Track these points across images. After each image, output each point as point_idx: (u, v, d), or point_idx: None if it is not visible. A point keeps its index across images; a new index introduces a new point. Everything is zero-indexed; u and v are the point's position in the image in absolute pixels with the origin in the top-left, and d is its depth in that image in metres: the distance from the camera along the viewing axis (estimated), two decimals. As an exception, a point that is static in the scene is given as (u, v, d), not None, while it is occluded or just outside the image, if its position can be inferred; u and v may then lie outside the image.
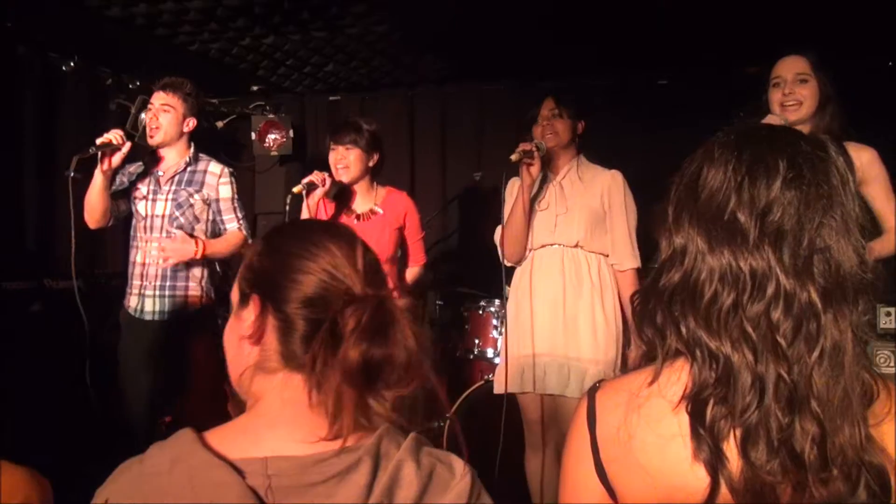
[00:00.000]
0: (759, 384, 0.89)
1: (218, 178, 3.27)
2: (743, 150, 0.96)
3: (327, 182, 3.12)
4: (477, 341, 3.95)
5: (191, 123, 3.26)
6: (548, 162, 3.05)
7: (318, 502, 0.90)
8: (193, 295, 3.23)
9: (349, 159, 3.15)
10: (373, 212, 3.23)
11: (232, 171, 3.35)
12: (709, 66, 4.36)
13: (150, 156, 3.30)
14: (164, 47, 4.16)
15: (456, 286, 4.46)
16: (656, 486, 0.94)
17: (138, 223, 3.24)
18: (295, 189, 3.10)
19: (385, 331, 0.94)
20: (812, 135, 1.01)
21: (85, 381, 3.00)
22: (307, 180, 3.11)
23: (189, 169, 3.27)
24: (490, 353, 3.91)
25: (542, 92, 3.15)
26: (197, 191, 3.23)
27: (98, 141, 2.96)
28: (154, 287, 3.19)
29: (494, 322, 3.91)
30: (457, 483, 0.95)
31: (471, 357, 3.98)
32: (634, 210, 3.00)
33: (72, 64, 4.38)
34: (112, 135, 2.98)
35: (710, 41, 3.99)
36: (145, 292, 3.20)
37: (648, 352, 1.00)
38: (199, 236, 3.23)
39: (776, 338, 0.89)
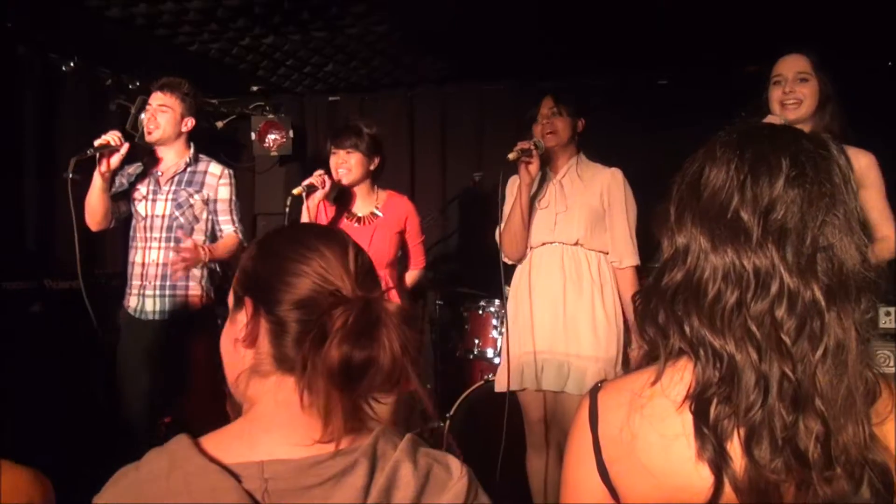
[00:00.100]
0: (763, 383, 0.89)
1: (218, 179, 3.28)
2: (745, 149, 0.96)
3: (327, 184, 3.11)
4: (477, 341, 3.95)
5: (189, 123, 3.26)
6: (547, 160, 3.05)
7: (314, 501, 0.90)
8: (193, 295, 3.23)
9: (350, 163, 3.14)
10: (374, 215, 3.23)
11: (232, 173, 3.35)
12: (709, 66, 4.37)
13: (150, 156, 3.30)
14: (164, 47, 4.15)
15: (456, 286, 4.45)
16: (659, 486, 0.93)
17: (138, 223, 3.24)
18: (295, 191, 3.10)
19: (370, 333, 0.93)
20: (813, 133, 1.01)
21: (88, 382, 3.00)
22: (307, 182, 3.10)
23: (189, 169, 3.27)
24: (490, 353, 3.91)
25: (542, 92, 3.14)
26: (197, 191, 3.23)
27: (96, 143, 2.96)
28: (154, 287, 3.19)
29: (494, 322, 3.91)
30: (454, 483, 0.95)
31: (471, 357, 3.98)
32: (634, 208, 3.00)
33: (72, 64, 4.38)
34: (110, 136, 2.97)
35: (710, 41, 3.99)
36: (145, 292, 3.20)
37: (650, 351, 0.99)
38: (199, 237, 3.24)
39: (780, 336, 0.89)
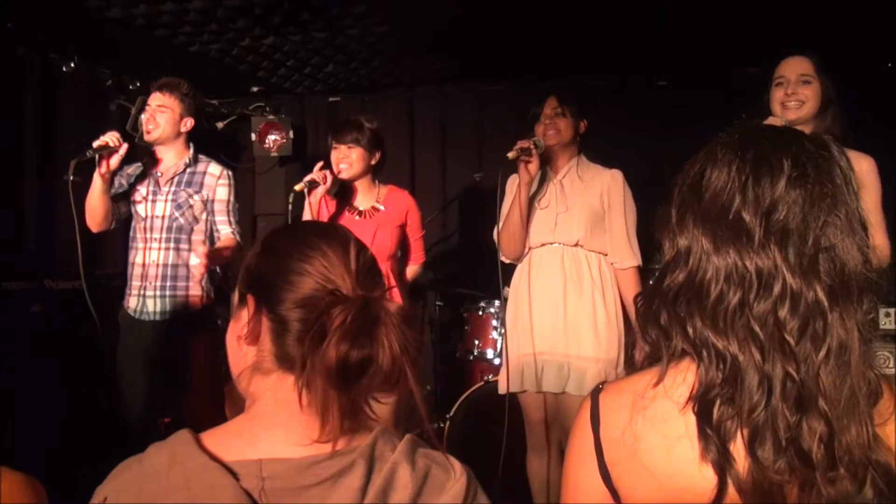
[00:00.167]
0: (767, 383, 0.89)
1: (217, 180, 3.27)
2: (746, 150, 0.96)
3: (328, 179, 3.12)
4: (477, 342, 3.95)
5: (188, 123, 3.26)
6: (548, 160, 3.05)
7: (311, 501, 0.90)
8: (194, 295, 3.23)
9: (351, 158, 3.14)
10: (375, 209, 3.23)
11: (231, 174, 3.35)
12: (708, 67, 4.37)
13: (149, 157, 3.30)
14: (165, 48, 4.16)
15: (456, 287, 4.45)
16: (662, 488, 0.93)
17: (138, 224, 3.24)
18: (297, 187, 3.10)
19: (369, 332, 0.93)
20: (815, 134, 1.01)
21: (88, 382, 3.01)
22: (308, 178, 3.11)
23: (189, 170, 3.26)
24: (490, 354, 3.91)
25: (542, 92, 3.14)
26: (196, 192, 3.23)
27: (95, 144, 2.96)
28: (155, 288, 3.19)
29: (494, 323, 3.91)
30: (452, 485, 0.95)
31: (471, 358, 3.99)
32: (634, 210, 2.99)
33: (72, 64, 4.38)
34: (108, 137, 2.97)
35: (710, 42, 3.99)
36: (146, 293, 3.20)
37: (653, 353, 0.99)
38: (199, 237, 3.24)
39: (783, 336, 0.89)
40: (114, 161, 3.01)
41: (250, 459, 0.92)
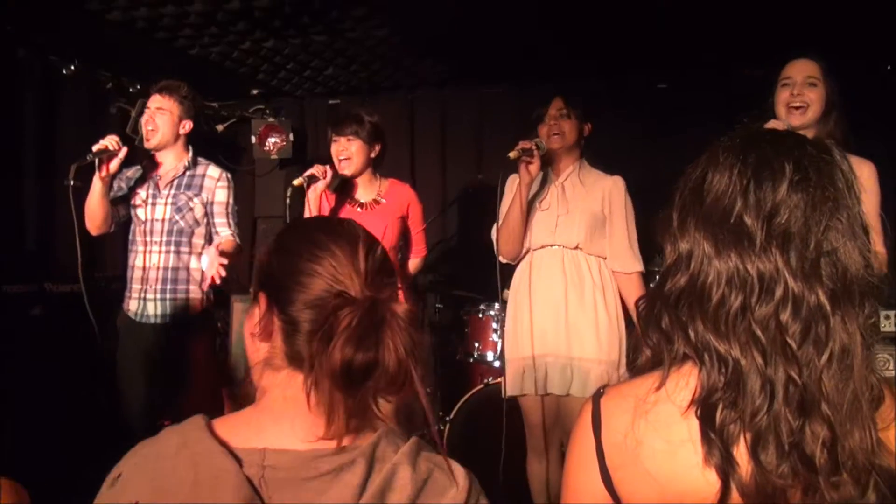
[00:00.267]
0: (769, 387, 0.89)
1: (216, 182, 3.28)
2: (748, 154, 0.96)
3: (328, 174, 3.11)
4: (477, 345, 3.95)
5: (187, 126, 3.26)
6: (550, 162, 3.04)
7: (310, 498, 0.92)
8: (194, 298, 3.23)
9: (351, 150, 3.14)
10: (376, 202, 3.22)
11: (230, 177, 3.35)
12: (708, 69, 4.36)
13: (149, 160, 3.30)
14: (165, 51, 4.16)
15: (455, 289, 4.45)
16: (664, 493, 0.93)
17: (137, 227, 3.24)
18: (296, 182, 3.08)
19: (375, 334, 0.94)
20: (817, 138, 1.01)
21: (89, 385, 3.00)
22: (308, 173, 3.09)
23: (188, 173, 3.26)
24: (490, 357, 3.90)
25: (542, 94, 3.13)
26: (196, 194, 3.23)
27: (94, 148, 2.96)
28: (155, 291, 3.19)
29: (494, 325, 3.90)
30: (453, 490, 0.95)
31: (471, 360, 3.98)
32: (633, 216, 3.00)
33: (72, 67, 4.37)
34: (108, 141, 2.98)
35: (710, 43, 3.99)
36: (146, 296, 3.20)
37: (654, 356, 0.99)
38: (199, 241, 3.24)
39: (785, 340, 0.89)
40: (113, 164, 3.02)
41: (255, 448, 0.95)
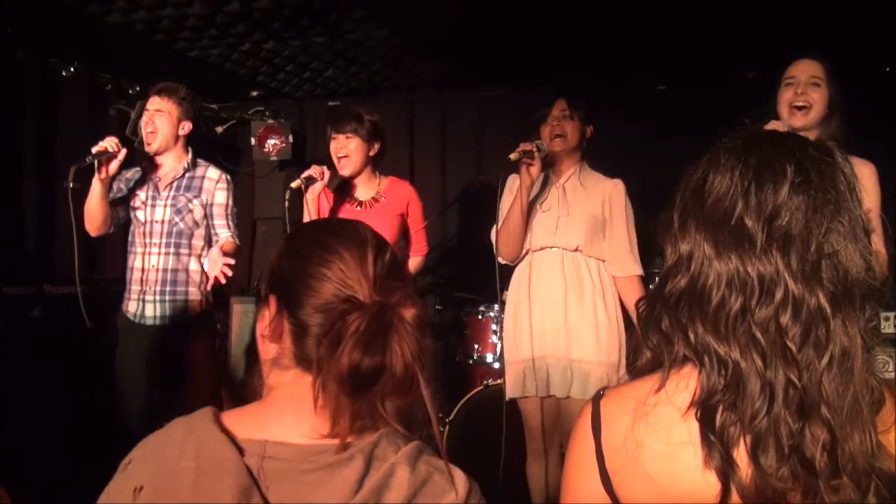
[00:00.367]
0: (769, 390, 0.88)
1: (215, 184, 3.28)
2: (749, 155, 0.96)
3: (326, 175, 3.08)
4: (476, 346, 3.95)
5: (186, 127, 3.26)
6: (551, 163, 3.03)
7: (307, 491, 0.93)
8: (194, 300, 3.23)
9: (349, 148, 3.12)
10: (375, 199, 3.20)
11: (229, 178, 3.35)
12: (708, 69, 4.36)
13: (148, 162, 3.30)
14: (164, 53, 4.16)
15: (455, 291, 4.45)
16: (664, 495, 0.93)
17: (137, 229, 3.24)
18: (293, 184, 3.05)
19: (383, 339, 0.95)
20: (819, 140, 1.00)
21: (87, 386, 3.00)
22: (306, 174, 3.06)
23: (188, 175, 3.26)
24: (489, 358, 3.90)
25: (542, 96, 3.13)
26: (196, 196, 3.23)
27: (94, 149, 2.96)
28: (154, 293, 3.19)
29: (494, 327, 3.90)
30: (451, 493, 0.95)
31: (470, 362, 3.98)
32: (633, 219, 3.00)
33: (72, 69, 4.37)
34: (107, 142, 2.98)
35: (710, 45, 3.99)
36: (146, 298, 3.20)
37: (654, 358, 0.99)
38: (199, 242, 3.24)
39: (785, 342, 0.89)
40: (113, 166, 3.02)
41: (258, 439, 0.97)
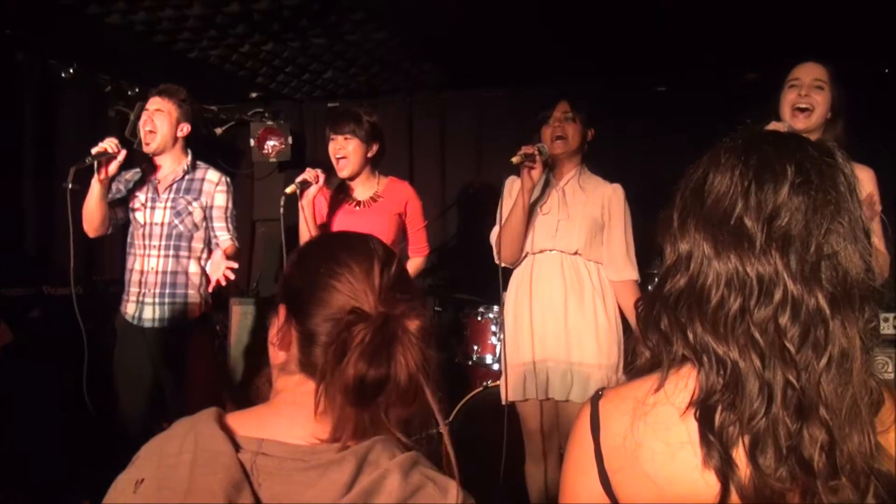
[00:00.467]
0: (767, 390, 0.88)
1: (215, 186, 3.28)
2: (750, 155, 0.96)
3: (321, 179, 3.06)
4: (476, 347, 3.95)
5: (185, 129, 3.26)
6: (551, 166, 3.02)
7: (297, 489, 0.95)
8: (193, 302, 3.23)
9: (348, 149, 3.11)
10: (374, 199, 3.19)
11: (229, 181, 3.35)
12: (708, 71, 4.36)
13: (148, 163, 3.30)
14: (163, 54, 4.15)
15: (454, 292, 4.45)
16: (663, 495, 0.93)
17: (136, 231, 3.24)
18: (288, 189, 3.02)
19: (387, 350, 0.97)
20: (819, 141, 1.00)
21: (86, 387, 3.00)
22: (300, 178, 3.04)
23: (187, 177, 3.26)
24: (489, 360, 3.91)
25: (541, 98, 3.13)
26: (195, 199, 3.23)
27: (93, 150, 2.96)
28: (154, 295, 3.18)
29: (493, 328, 3.90)
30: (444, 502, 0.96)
31: (469, 363, 3.98)
32: (631, 224, 3.00)
33: (71, 70, 4.37)
34: (107, 143, 2.98)
35: (710, 46, 3.99)
36: (144, 300, 3.19)
37: (653, 358, 0.99)
38: (198, 245, 3.24)
39: (784, 343, 0.89)
40: (112, 167, 3.01)
41: (255, 437, 1.00)
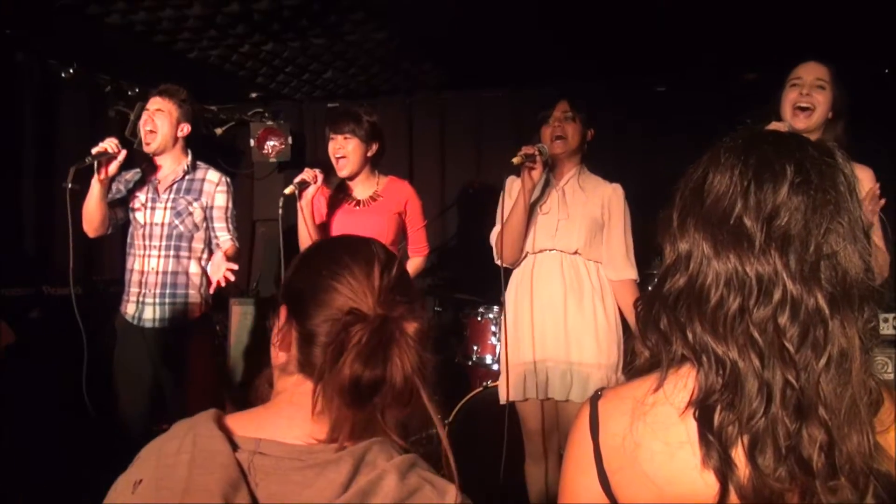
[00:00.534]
0: (766, 390, 0.88)
1: (215, 186, 3.28)
2: (749, 155, 0.96)
3: (319, 179, 3.06)
4: (475, 348, 3.95)
5: (185, 129, 3.26)
6: (552, 166, 3.03)
7: (294, 489, 0.95)
8: (193, 303, 3.23)
9: (347, 149, 3.11)
10: (373, 198, 3.19)
11: (229, 181, 3.35)
12: (708, 71, 4.36)
13: (148, 163, 3.30)
14: (163, 54, 4.15)
15: (454, 292, 4.45)
16: (663, 495, 0.92)
17: (136, 231, 3.24)
18: (286, 190, 3.02)
19: (384, 352, 0.98)
20: (819, 141, 1.00)
21: (86, 387, 3.00)
22: (298, 179, 3.03)
23: (187, 177, 3.26)
24: (489, 360, 3.90)
25: (541, 98, 3.13)
26: (196, 199, 3.23)
27: (94, 150, 2.96)
28: (154, 295, 3.18)
29: (493, 329, 3.90)
30: None
31: (469, 364, 3.98)
32: (630, 224, 3.00)
33: (71, 71, 4.37)
34: (107, 143, 2.98)
35: (709, 46, 3.99)
36: (144, 300, 3.19)
37: (652, 357, 0.99)
38: (199, 245, 3.24)
39: (783, 343, 0.88)
40: (112, 167, 3.02)
41: (253, 437, 1.01)
